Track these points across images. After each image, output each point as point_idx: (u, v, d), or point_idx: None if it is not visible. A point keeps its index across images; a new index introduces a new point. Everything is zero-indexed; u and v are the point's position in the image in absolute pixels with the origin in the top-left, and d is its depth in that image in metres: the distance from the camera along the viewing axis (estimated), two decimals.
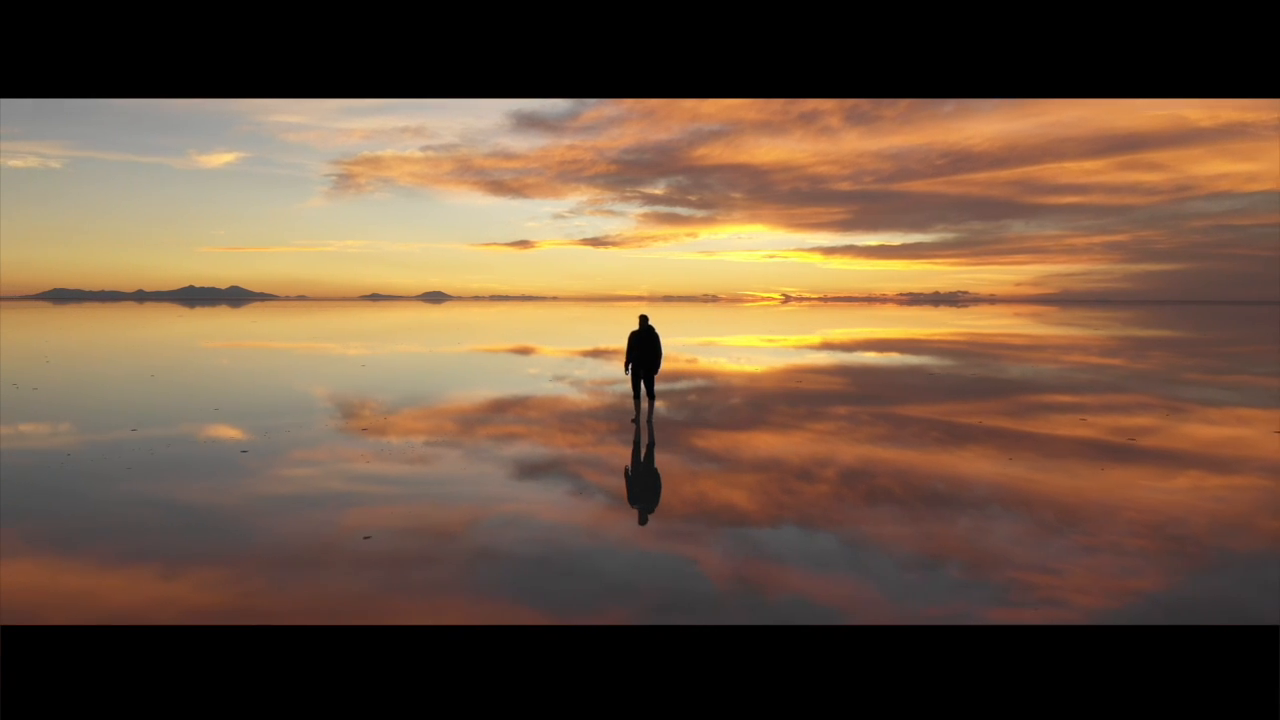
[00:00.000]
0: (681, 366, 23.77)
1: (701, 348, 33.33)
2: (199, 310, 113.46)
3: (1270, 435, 12.07)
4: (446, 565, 6.26)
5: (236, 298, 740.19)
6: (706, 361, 25.89)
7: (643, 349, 13.07)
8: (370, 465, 9.80)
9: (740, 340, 39.85)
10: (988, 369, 23.03)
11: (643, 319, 13.18)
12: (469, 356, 27.39)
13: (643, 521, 7.46)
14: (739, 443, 11.33)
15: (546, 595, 5.66)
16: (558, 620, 5.24)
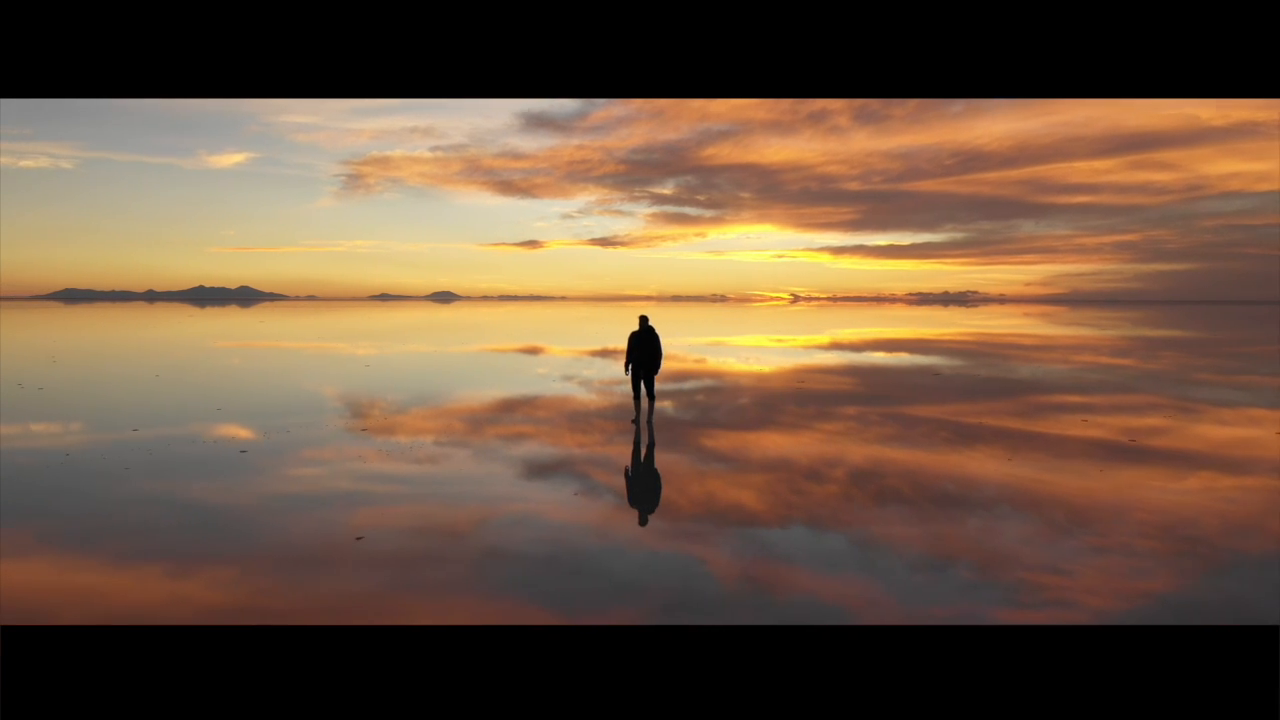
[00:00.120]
0: (690, 366, 23.76)
1: (710, 348, 33.30)
2: (209, 310, 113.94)
3: None
4: (454, 564, 6.27)
5: (246, 298, 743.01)
6: (715, 361, 25.86)
7: (643, 349, 13.08)
8: (374, 465, 9.82)
9: (749, 340, 39.80)
10: (997, 369, 22.95)
11: (643, 319, 13.20)
12: (476, 356, 27.43)
13: (643, 522, 7.46)
14: (747, 442, 11.31)
15: (554, 595, 5.67)
16: (565, 620, 5.25)
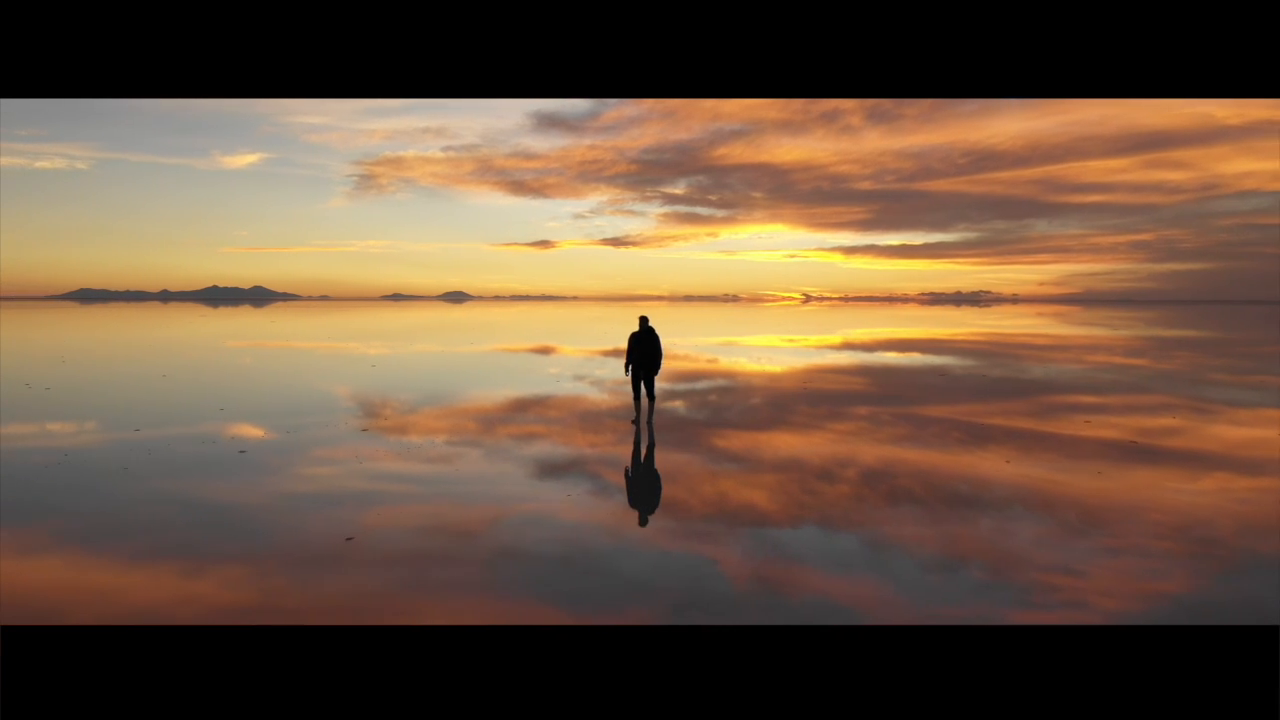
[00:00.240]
0: (702, 366, 23.75)
1: (722, 347, 33.27)
2: (222, 310, 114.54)
3: None
4: (465, 564, 6.29)
5: (259, 298, 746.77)
6: (727, 361, 25.83)
7: (642, 350, 13.11)
8: (384, 464, 9.86)
9: (761, 340, 39.73)
10: (1010, 369, 22.84)
11: (643, 320, 13.25)
12: (486, 356, 27.48)
13: (643, 523, 7.45)
14: (759, 442, 11.30)
15: (565, 595, 5.68)
16: (576, 620, 5.25)
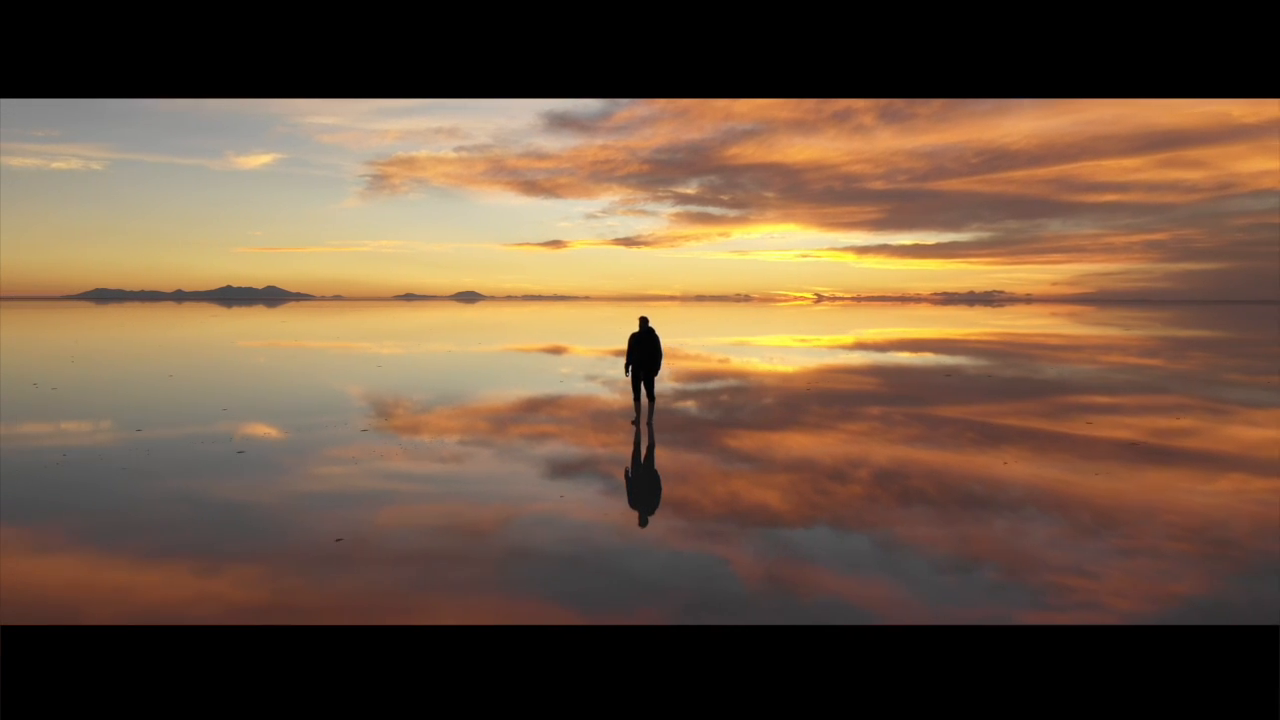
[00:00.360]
0: (714, 366, 23.74)
1: (734, 347, 33.25)
2: (235, 310, 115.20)
3: None
4: (477, 564, 6.30)
5: (273, 298, 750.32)
6: (739, 361, 25.82)
7: (643, 350, 13.12)
8: (388, 463, 9.89)
9: (773, 340, 39.69)
10: (1023, 369, 22.73)
11: (643, 320, 13.27)
12: (498, 356, 27.55)
13: (643, 523, 7.44)
14: (771, 442, 11.28)
15: (576, 595, 5.68)
16: (587, 620, 5.26)
